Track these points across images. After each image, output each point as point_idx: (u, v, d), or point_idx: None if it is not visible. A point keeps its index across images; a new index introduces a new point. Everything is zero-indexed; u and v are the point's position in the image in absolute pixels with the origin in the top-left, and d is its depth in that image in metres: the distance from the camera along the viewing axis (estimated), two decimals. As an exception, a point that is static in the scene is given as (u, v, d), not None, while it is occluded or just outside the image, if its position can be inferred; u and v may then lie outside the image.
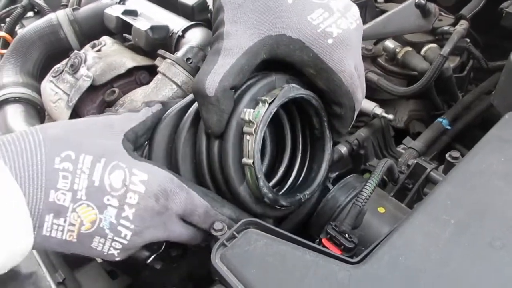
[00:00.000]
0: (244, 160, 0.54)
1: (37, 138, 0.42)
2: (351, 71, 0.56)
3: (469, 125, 1.03)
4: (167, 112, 0.60)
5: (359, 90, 0.59)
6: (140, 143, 0.57)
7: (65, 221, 0.45)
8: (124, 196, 0.47)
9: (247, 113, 0.53)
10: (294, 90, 0.56)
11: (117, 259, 0.50)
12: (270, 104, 0.53)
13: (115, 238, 0.48)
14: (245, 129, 0.54)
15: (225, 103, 0.53)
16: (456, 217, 0.48)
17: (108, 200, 0.46)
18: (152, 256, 0.62)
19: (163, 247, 0.63)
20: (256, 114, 0.53)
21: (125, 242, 0.49)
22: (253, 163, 0.53)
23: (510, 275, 0.42)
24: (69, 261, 0.72)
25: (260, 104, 0.54)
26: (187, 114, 0.59)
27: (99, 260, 0.75)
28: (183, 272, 0.66)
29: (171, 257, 0.62)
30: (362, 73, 0.60)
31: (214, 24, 0.57)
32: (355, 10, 0.58)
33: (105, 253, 0.49)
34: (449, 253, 0.45)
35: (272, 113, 0.54)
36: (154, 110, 0.58)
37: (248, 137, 0.53)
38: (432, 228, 0.47)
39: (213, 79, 0.52)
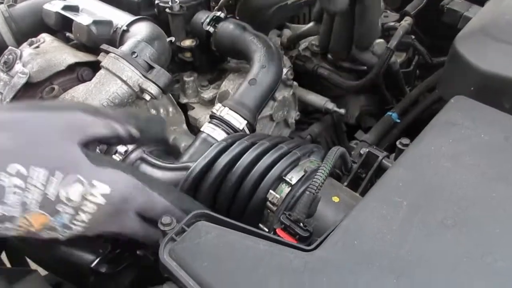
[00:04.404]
0: (261, 225, 0.60)
1: None
2: None
3: (418, 119, 1.06)
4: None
5: None
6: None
7: (11, 224, 0.41)
8: (81, 205, 0.44)
9: (272, 196, 0.59)
10: (313, 174, 0.56)
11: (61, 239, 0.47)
12: (292, 186, 0.59)
13: (65, 231, 0.45)
14: (268, 205, 0.59)
15: None
16: (408, 199, 0.47)
17: (63, 209, 0.43)
18: (97, 260, 0.59)
19: (108, 250, 0.59)
20: (280, 192, 0.59)
21: (76, 233, 0.46)
22: (268, 231, 0.59)
23: (462, 252, 0.42)
24: (7, 272, 0.66)
25: (284, 184, 0.60)
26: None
27: (42, 272, 0.70)
28: (132, 276, 0.62)
29: (117, 260, 0.59)
30: None
31: None
32: None
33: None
34: (403, 234, 0.44)
35: (295, 197, 0.59)
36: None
37: (269, 211, 0.59)
38: (385, 211, 0.47)
39: None
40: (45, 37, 0.87)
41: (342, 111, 0.97)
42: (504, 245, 0.43)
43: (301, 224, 0.51)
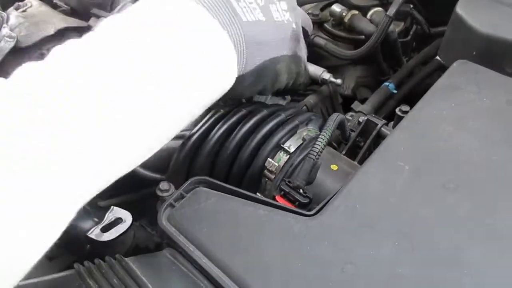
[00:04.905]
0: (259, 194, 0.57)
1: None
2: None
3: (414, 91, 1.04)
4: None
5: None
6: None
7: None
8: None
9: (270, 164, 0.58)
10: (312, 142, 0.57)
11: None
12: (291, 154, 0.58)
13: None
14: (266, 173, 0.58)
15: None
16: (410, 163, 0.47)
17: None
18: (93, 229, 0.58)
19: (105, 217, 0.59)
20: (278, 160, 0.58)
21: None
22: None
23: (464, 214, 0.42)
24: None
25: (282, 152, 0.59)
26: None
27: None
28: (127, 245, 0.62)
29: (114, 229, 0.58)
30: None
31: None
32: None
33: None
34: (406, 198, 0.44)
35: (293, 165, 0.57)
36: None
37: (267, 179, 0.58)
38: (387, 175, 0.46)
39: None
40: (32, 1, 0.83)
41: (339, 81, 0.95)
42: (505, 208, 0.42)
43: (301, 191, 0.50)
